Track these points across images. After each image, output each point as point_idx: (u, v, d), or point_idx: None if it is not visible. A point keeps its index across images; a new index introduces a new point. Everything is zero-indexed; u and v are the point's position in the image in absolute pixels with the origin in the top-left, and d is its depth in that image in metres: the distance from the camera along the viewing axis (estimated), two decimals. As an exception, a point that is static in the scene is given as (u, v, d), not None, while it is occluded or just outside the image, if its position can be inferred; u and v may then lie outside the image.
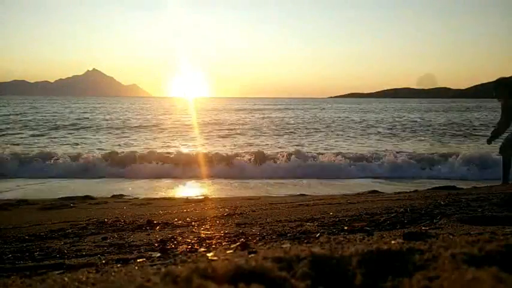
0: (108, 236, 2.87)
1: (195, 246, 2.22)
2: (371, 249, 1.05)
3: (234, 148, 12.80)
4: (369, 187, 6.91)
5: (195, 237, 2.53)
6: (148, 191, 6.88)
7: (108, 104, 61.70)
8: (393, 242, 1.26)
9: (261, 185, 7.51)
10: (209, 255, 1.28)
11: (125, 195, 6.32)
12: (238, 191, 6.86)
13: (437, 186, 6.34)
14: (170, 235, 2.68)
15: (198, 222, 3.27)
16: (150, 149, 12.09)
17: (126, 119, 25.83)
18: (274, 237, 2.43)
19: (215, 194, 6.44)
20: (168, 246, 2.30)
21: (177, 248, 2.23)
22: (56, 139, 14.76)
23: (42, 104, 54.50)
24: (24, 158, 9.39)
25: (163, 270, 1.01)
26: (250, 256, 1.14)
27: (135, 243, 2.49)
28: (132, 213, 4.25)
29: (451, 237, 1.52)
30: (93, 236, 2.94)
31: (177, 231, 2.85)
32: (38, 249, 2.47)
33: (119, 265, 1.56)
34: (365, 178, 8.22)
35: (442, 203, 3.49)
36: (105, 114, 31.44)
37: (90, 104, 57.66)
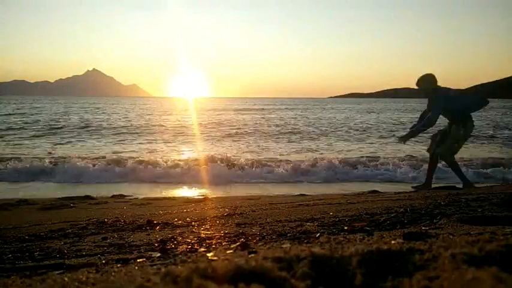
0: (108, 236, 2.87)
1: (195, 246, 2.22)
2: (371, 249, 1.05)
3: (261, 152, 12.04)
4: (369, 187, 6.91)
5: (195, 237, 2.53)
6: (148, 191, 6.88)
7: (110, 104, 61.72)
8: (393, 242, 1.26)
9: (261, 185, 7.52)
10: (209, 255, 1.28)
11: (125, 195, 6.32)
12: (238, 190, 6.86)
13: (437, 186, 6.34)
14: (170, 235, 2.68)
15: (198, 222, 3.27)
16: (155, 152, 12.01)
17: (128, 120, 25.74)
18: (274, 237, 2.43)
19: (215, 194, 6.44)
20: (168, 246, 2.30)
21: (177, 248, 2.23)
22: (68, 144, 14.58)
23: (43, 103, 54.52)
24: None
25: (163, 270, 1.01)
26: (250, 256, 1.14)
27: (135, 243, 2.49)
28: (132, 213, 4.25)
29: (451, 237, 1.52)
30: (93, 236, 2.94)
31: (177, 231, 2.85)
32: (38, 249, 2.47)
33: (119, 265, 1.56)
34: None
35: (442, 203, 3.49)
36: (109, 114, 31.47)
37: (92, 104, 57.64)
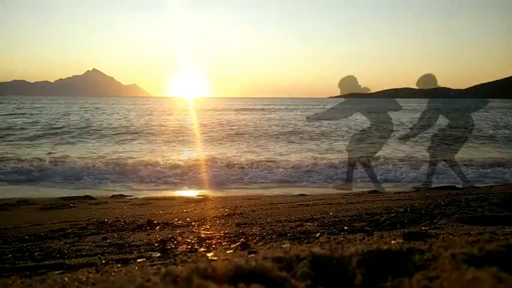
0: (108, 236, 2.87)
1: (195, 246, 2.23)
2: (371, 249, 1.05)
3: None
4: (368, 187, 6.90)
5: (195, 237, 2.53)
6: (148, 191, 6.88)
7: (110, 104, 61.60)
8: (393, 242, 1.26)
9: (261, 185, 7.51)
10: (209, 255, 1.28)
11: (125, 195, 6.32)
12: (238, 191, 6.86)
13: (437, 186, 6.35)
14: (170, 235, 2.68)
15: (198, 222, 3.27)
16: (156, 152, 11.95)
17: (128, 120, 25.59)
18: (274, 237, 2.43)
19: (215, 194, 6.44)
20: (168, 246, 2.30)
21: (177, 248, 2.23)
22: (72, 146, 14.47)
23: (43, 103, 54.48)
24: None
25: (163, 270, 1.01)
26: (250, 256, 1.14)
27: (135, 243, 2.49)
28: (132, 213, 4.25)
29: (451, 237, 1.52)
30: (93, 236, 2.94)
31: (177, 231, 2.85)
32: (38, 249, 2.47)
33: (119, 265, 1.56)
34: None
35: (442, 203, 3.49)
36: (109, 114, 31.33)
37: (92, 104, 57.52)
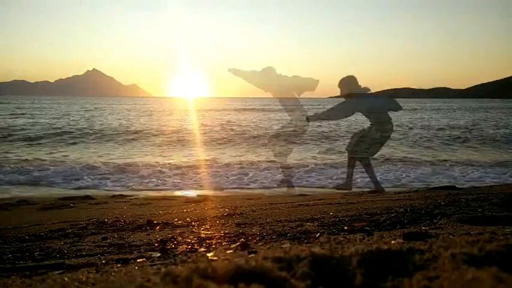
0: (108, 236, 2.87)
1: (195, 246, 2.23)
2: (371, 249, 1.05)
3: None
4: (368, 187, 6.90)
5: (195, 237, 2.53)
6: (148, 191, 6.88)
7: (110, 104, 61.46)
8: (393, 242, 1.26)
9: (261, 185, 7.51)
10: (209, 255, 1.28)
11: (125, 195, 6.31)
12: (238, 190, 6.86)
13: (437, 186, 6.35)
14: (170, 235, 2.68)
15: (198, 222, 3.27)
16: (158, 153, 11.89)
17: (129, 121, 25.39)
18: (274, 237, 2.43)
19: (215, 194, 6.44)
20: (168, 246, 2.30)
21: (177, 248, 2.23)
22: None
23: (43, 104, 54.42)
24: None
25: (163, 270, 1.02)
26: (250, 256, 1.14)
27: (135, 243, 2.49)
28: (132, 213, 4.25)
29: (451, 237, 1.52)
30: (93, 236, 2.94)
31: (177, 231, 2.85)
32: (38, 249, 2.47)
33: (119, 265, 1.56)
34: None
35: (442, 203, 3.49)
36: (111, 114, 31.18)
37: (93, 104, 57.39)
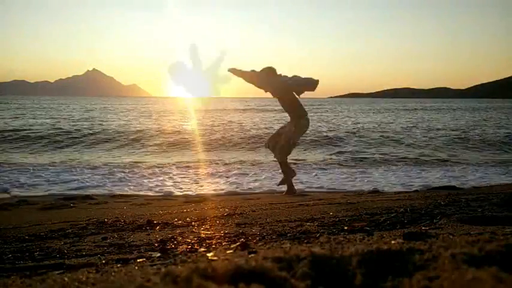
0: (108, 236, 2.87)
1: (195, 246, 2.23)
2: (371, 249, 1.05)
3: None
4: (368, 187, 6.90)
5: (195, 237, 2.54)
6: (148, 191, 6.88)
7: (110, 104, 61.34)
8: (393, 242, 1.26)
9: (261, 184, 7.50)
10: (209, 255, 1.28)
11: (125, 195, 6.31)
12: (238, 191, 6.85)
13: (437, 186, 6.35)
14: (170, 235, 2.68)
15: (198, 222, 3.27)
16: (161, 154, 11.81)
17: (131, 123, 25.16)
18: (274, 237, 2.43)
19: (215, 194, 6.44)
20: (168, 246, 2.30)
21: (177, 248, 2.23)
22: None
23: (43, 104, 54.34)
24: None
25: (163, 270, 1.02)
26: (250, 256, 1.14)
27: (135, 243, 2.49)
28: (132, 213, 4.25)
29: (451, 237, 1.53)
30: (93, 236, 2.94)
31: (177, 231, 2.85)
32: (38, 249, 2.47)
33: (119, 265, 1.57)
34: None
35: (442, 203, 3.49)
36: (112, 115, 31.02)
37: (94, 104, 57.20)
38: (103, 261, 1.86)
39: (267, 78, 5.81)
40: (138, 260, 1.75)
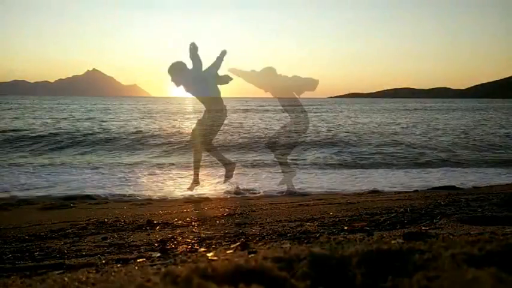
0: (108, 236, 2.87)
1: (195, 246, 2.23)
2: (371, 249, 1.05)
3: None
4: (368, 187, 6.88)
5: (195, 237, 2.54)
6: (148, 191, 6.87)
7: (112, 104, 61.25)
8: (393, 242, 1.26)
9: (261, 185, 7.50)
10: (209, 255, 1.28)
11: (125, 195, 6.31)
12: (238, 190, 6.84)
13: (437, 186, 6.34)
14: (170, 235, 2.68)
15: (198, 222, 3.28)
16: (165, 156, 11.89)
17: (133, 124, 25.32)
18: (274, 237, 2.43)
19: (215, 194, 6.43)
20: (168, 246, 2.31)
21: (177, 248, 2.23)
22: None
23: (46, 104, 54.29)
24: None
25: (163, 270, 1.02)
26: (250, 256, 1.14)
27: (135, 243, 2.49)
28: (132, 213, 4.25)
29: (451, 237, 1.53)
30: (93, 236, 2.94)
31: (177, 231, 2.85)
32: (38, 249, 2.47)
33: (119, 265, 1.57)
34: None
35: (442, 203, 3.49)
36: (114, 115, 31.02)
37: (94, 105, 57.13)
38: (103, 261, 1.86)
39: (267, 78, 5.82)
40: (138, 260, 1.75)
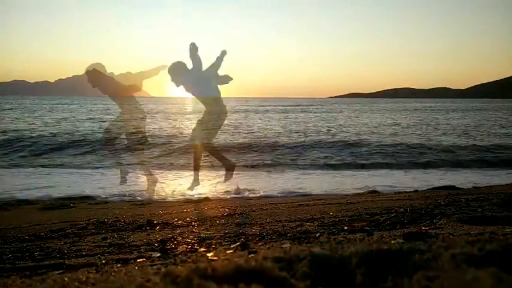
0: (108, 236, 2.87)
1: (195, 246, 2.23)
2: (371, 249, 1.05)
3: None
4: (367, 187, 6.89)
5: (195, 237, 2.54)
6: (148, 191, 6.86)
7: (113, 104, 61.07)
8: (393, 242, 1.26)
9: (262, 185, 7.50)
10: (209, 255, 1.28)
11: (125, 195, 6.31)
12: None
13: (437, 186, 6.34)
14: (170, 235, 2.68)
15: (198, 222, 3.28)
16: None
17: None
18: (274, 237, 2.43)
19: (215, 194, 6.43)
20: (168, 246, 2.31)
21: (177, 248, 2.23)
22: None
23: (43, 104, 54.26)
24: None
25: (163, 270, 1.02)
26: (250, 256, 1.14)
27: (135, 243, 2.49)
28: (132, 213, 4.25)
29: (451, 237, 1.53)
30: (93, 236, 2.94)
31: (177, 231, 2.85)
32: (38, 249, 2.47)
33: (119, 265, 1.57)
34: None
35: (442, 203, 3.49)
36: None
37: (95, 105, 57.04)
38: (103, 261, 1.86)
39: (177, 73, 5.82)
40: (138, 260, 1.75)
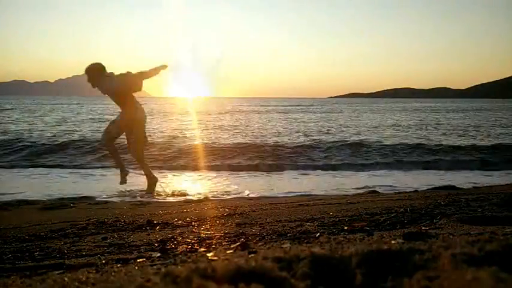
0: (108, 236, 2.87)
1: (195, 246, 2.23)
2: (371, 249, 1.05)
3: None
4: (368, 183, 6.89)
5: (195, 237, 2.54)
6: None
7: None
8: (393, 242, 1.26)
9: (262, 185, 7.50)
10: (209, 255, 1.29)
11: (125, 195, 6.31)
12: (238, 190, 6.85)
13: (437, 186, 6.35)
14: (170, 235, 2.68)
15: (198, 222, 3.28)
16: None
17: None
18: (274, 237, 2.43)
19: (215, 194, 6.44)
20: (168, 246, 2.31)
21: (177, 248, 2.23)
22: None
23: (43, 104, 54.28)
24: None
25: (163, 270, 1.02)
26: (250, 256, 1.14)
27: (135, 243, 2.49)
28: (132, 213, 4.25)
29: (451, 237, 1.53)
30: (93, 236, 2.94)
31: (177, 231, 2.85)
32: (38, 249, 2.47)
33: (119, 265, 1.57)
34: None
35: (442, 203, 3.49)
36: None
37: (93, 105, 57.11)
38: (103, 261, 1.86)
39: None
40: (138, 260, 1.75)
